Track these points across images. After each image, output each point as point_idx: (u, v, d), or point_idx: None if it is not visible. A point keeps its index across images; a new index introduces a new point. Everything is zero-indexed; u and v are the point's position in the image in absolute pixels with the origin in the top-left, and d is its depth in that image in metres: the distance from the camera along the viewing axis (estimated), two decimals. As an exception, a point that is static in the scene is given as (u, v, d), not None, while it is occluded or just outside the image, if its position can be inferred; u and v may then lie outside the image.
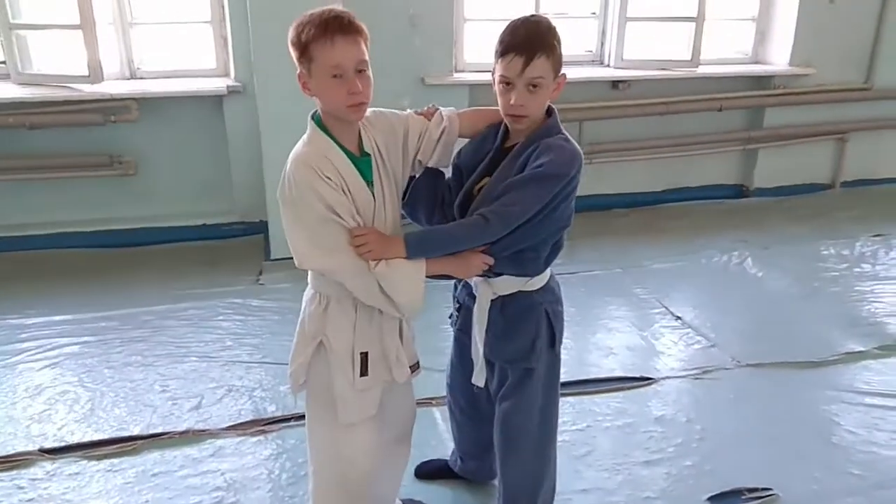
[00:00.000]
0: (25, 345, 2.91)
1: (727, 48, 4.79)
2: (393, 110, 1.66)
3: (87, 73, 3.66)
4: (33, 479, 2.17)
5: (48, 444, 2.32)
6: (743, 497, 2.13)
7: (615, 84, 4.41)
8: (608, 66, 4.46)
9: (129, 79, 3.93)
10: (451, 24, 4.05)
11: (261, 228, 4.05)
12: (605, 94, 4.40)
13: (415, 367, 1.78)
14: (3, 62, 3.75)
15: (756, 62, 4.77)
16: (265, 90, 3.51)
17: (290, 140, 4.10)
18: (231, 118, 3.90)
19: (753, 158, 4.80)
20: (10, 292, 3.38)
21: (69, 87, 3.68)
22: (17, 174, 3.72)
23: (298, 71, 1.48)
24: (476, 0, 4.15)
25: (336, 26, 1.42)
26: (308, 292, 1.67)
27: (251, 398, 2.58)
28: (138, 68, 3.96)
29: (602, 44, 4.48)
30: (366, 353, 1.63)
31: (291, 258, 3.82)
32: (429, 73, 4.02)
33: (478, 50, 4.22)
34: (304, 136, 1.54)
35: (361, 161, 1.55)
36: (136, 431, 2.39)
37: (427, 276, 1.59)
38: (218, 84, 3.84)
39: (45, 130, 3.68)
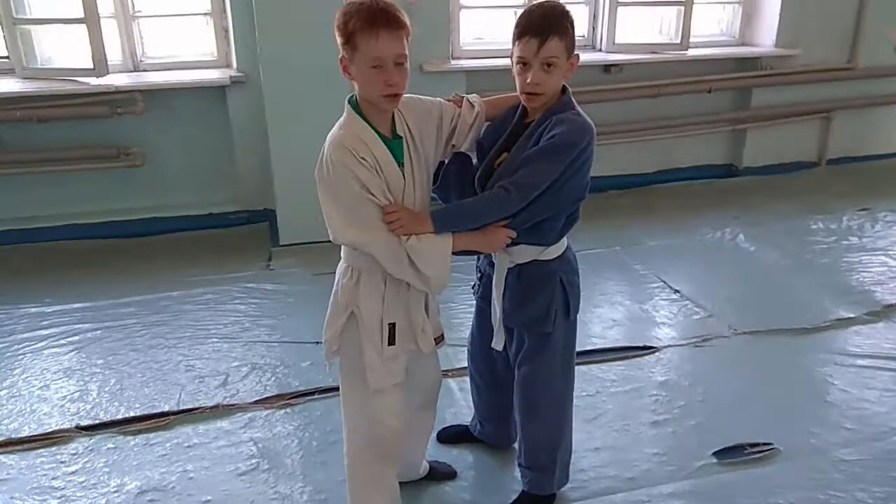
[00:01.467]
0: (49, 331, 3.00)
1: (715, 31, 4.91)
2: (427, 97, 1.77)
3: (91, 66, 3.71)
4: (74, 454, 2.28)
5: (84, 422, 2.42)
6: (745, 452, 2.27)
7: (607, 68, 4.51)
8: (600, 50, 4.57)
9: (132, 71, 3.99)
10: (448, 12, 4.14)
11: (265, 216, 4.15)
12: (598, 78, 4.51)
13: (439, 339, 1.90)
14: (7, 57, 3.80)
15: (743, 44, 4.89)
16: (271, 81, 3.60)
17: (296, 129, 4.15)
18: (234, 108, 3.97)
19: (742, 138, 4.93)
20: (26, 283, 3.46)
21: (75, 81, 3.74)
22: (27, 167, 3.78)
23: (341, 55, 1.58)
24: (472, -12, 4.25)
25: (382, 21, 1.50)
26: (341, 266, 1.77)
27: (274, 374, 2.69)
28: (141, 60, 4.02)
29: (594, 28, 4.59)
30: (393, 324, 1.74)
31: (301, 244, 3.91)
32: (426, 60, 4.11)
33: (474, 37, 4.32)
34: (341, 119, 1.64)
35: (394, 143, 1.66)
36: (167, 408, 2.49)
37: (455, 253, 1.69)
38: (220, 75, 3.91)
39: (53, 124, 3.74)
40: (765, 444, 2.30)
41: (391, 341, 1.74)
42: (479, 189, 1.79)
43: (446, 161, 1.84)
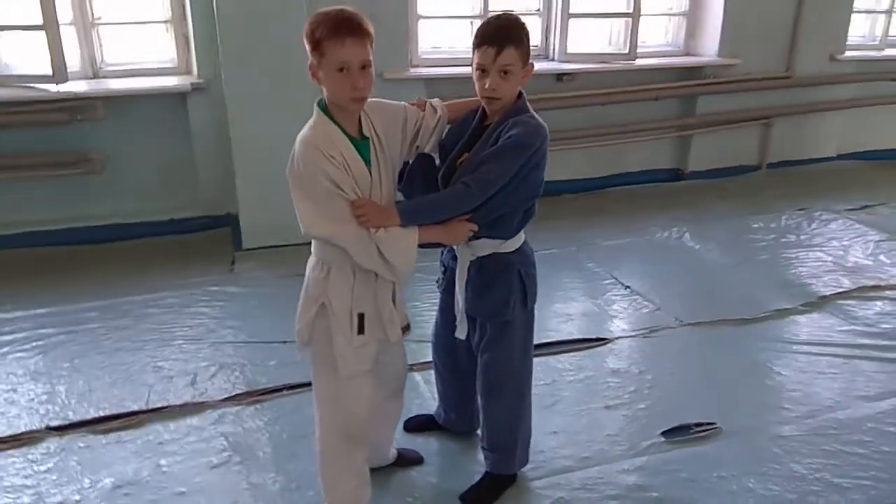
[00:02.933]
0: (12, 336, 3.00)
1: (661, 41, 5.15)
2: (392, 101, 1.88)
3: (51, 72, 3.71)
4: (45, 454, 2.30)
5: (54, 423, 2.44)
6: (691, 431, 2.44)
7: (560, 76, 4.70)
8: (553, 59, 4.76)
9: (92, 78, 4.00)
10: (406, 22, 4.27)
11: (227, 221, 4.19)
12: (551, 87, 4.69)
13: (405, 329, 2.00)
14: (-36, 64, 3.77)
15: (688, 54, 5.15)
16: (233, 85, 3.66)
17: (258, 133, 4.24)
18: (195, 115, 4.01)
19: (688, 144, 5.18)
20: (-15, 290, 3.44)
21: (34, 87, 3.74)
22: (-15, 174, 3.76)
23: (310, 62, 1.68)
24: (429, -1, 4.38)
25: (347, 28, 1.62)
26: (311, 260, 1.87)
27: (242, 373, 2.75)
28: (101, 67, 4.03)
29: (547, 39, 4.77)
30: (362, 314, 1.84)
31: (264, 248, 3.95)
32: (386, 67, 4.22)
33: (432, 46, 4.46)
34: (310, 121, 1.74)
35: (361, 143, 1.77)
36: (136, 407, 2.53)
37: (420, 245, 1.81)
38: (181, 82, 3.95)
39: (11, 131, 3.74)
40: (709, 423, 2.46)
41: (360, 330, 1.84)
42: (443, 186, 1.91)
43: (411, 161, 1.96)
